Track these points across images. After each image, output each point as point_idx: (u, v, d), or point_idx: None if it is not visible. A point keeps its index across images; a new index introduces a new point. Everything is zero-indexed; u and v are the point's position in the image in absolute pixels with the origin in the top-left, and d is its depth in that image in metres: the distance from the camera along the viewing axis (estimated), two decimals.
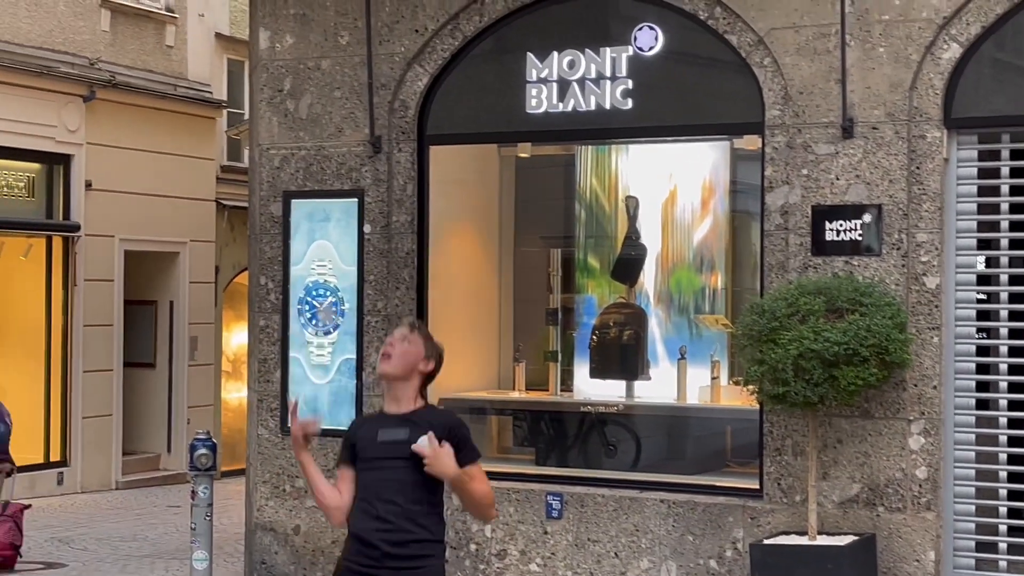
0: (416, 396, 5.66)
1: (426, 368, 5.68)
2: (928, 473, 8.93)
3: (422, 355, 5.67)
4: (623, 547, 9.69)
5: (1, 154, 16.32)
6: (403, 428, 5.55)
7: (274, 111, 10.83)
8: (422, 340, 5.69)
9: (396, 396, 5.66)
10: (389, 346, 5.66)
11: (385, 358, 5.64)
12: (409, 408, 5.63)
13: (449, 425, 5.59)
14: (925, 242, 8.97)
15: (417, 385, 5.66)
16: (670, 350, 10.97)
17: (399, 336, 5.69)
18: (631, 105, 9.91)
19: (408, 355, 5.64)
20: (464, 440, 5.57)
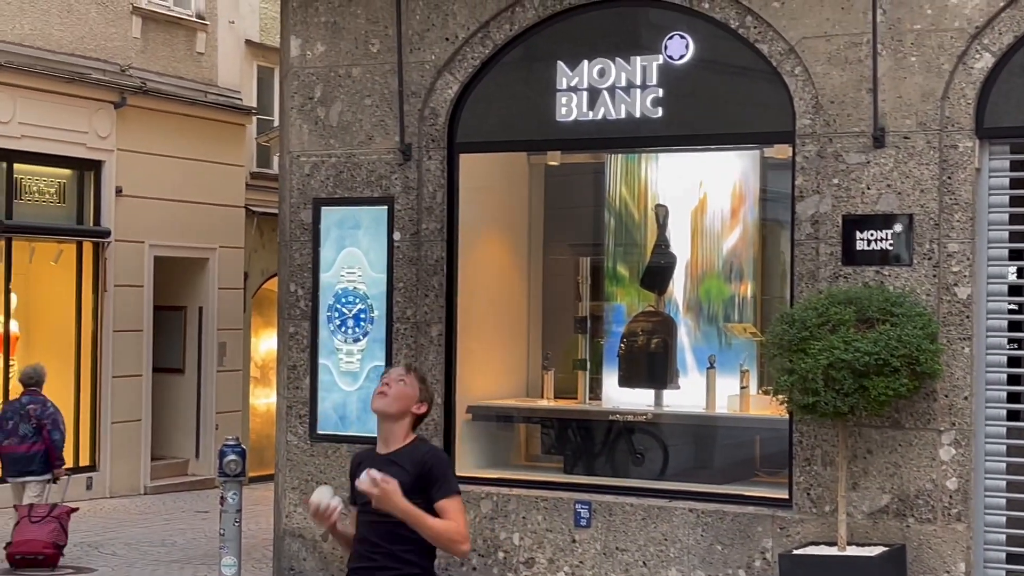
0: (405, 434, 5.66)
1: (419, 411, 5.70)
2: (959, 484, 8.89)
3: (416, 397, 5.70)
4: (651, 556, 9.68)
5: (33, 160, 16.39)
6: (387, 470, 5.51)
7: (305, 118, 10.86)
8: (418, 382, 5.73)
9: (385, 436, 5.67)
10: (385, 385, 5.67)
11: (381, 396, 5.66)
12: (397, 446, 5.63)
13: (423, 461, 5.55)
14: (956, 252, 8.94)
15: (408, 425, 5.66)
16: (699, 359, 10.95)
17: (396, 376, 5.71)
18: (661, 113, 9.90)
19: (404, 396, 5.66)
20: (437, 475, 5.53)
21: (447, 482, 5.55)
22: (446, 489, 5.53)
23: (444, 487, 5.53)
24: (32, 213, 16.46)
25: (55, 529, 12.04)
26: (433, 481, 5.51)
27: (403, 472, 5.49)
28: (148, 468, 17.74)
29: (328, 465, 10.64)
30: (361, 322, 10.59)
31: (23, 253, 16.62)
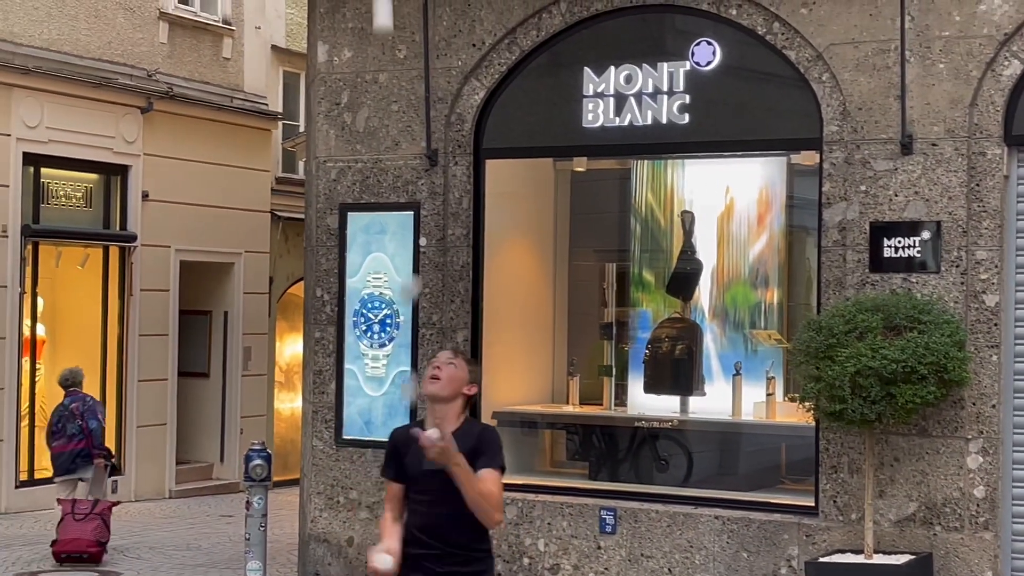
0: (457, 416, 5.82)
1: (469, 391, 5.87)
2: (986, 492, 8.86)
3: (466, 379, 5.87)
4: (677, 563, 9.66)
5: (60, 164, 16.46)
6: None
7: (331, 124, 10.88)
8: (466, 364, 5.92)
9: (438, 418, 5.81)
10: (436, 368, 5.84)
11: (433, 380, 5.82)
12: (450, 429, 5.72)
13: (479, 434, 5.78)
14: (984, 260, 8.91)
15: (459, 406, 5.84)
16: (725, 365, 10.93)
17: (445, 359, 5.89)
18: (688, 120, 9.89)
19: (455, 378, 5.83)
20: (485, 448, 5.71)
21: (493, 455, 5.71)
22: (490, 460, 5.68)
23: (489, 458, 5.68)
24: (59, 217, 16.52)
25: (98, 526, 12.41)
26: (481, 453, 5.66)
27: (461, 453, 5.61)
28: (173, 472, 17.78)
29: (353, 470, 10.66)
30: (387, 327, 10.61)
31: (50, 257, 16.69)
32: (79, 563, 12.37)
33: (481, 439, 5.75)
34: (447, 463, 5.51)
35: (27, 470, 16.16)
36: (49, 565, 12.54)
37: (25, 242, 15.93)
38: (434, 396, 5.83)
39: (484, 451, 5.70)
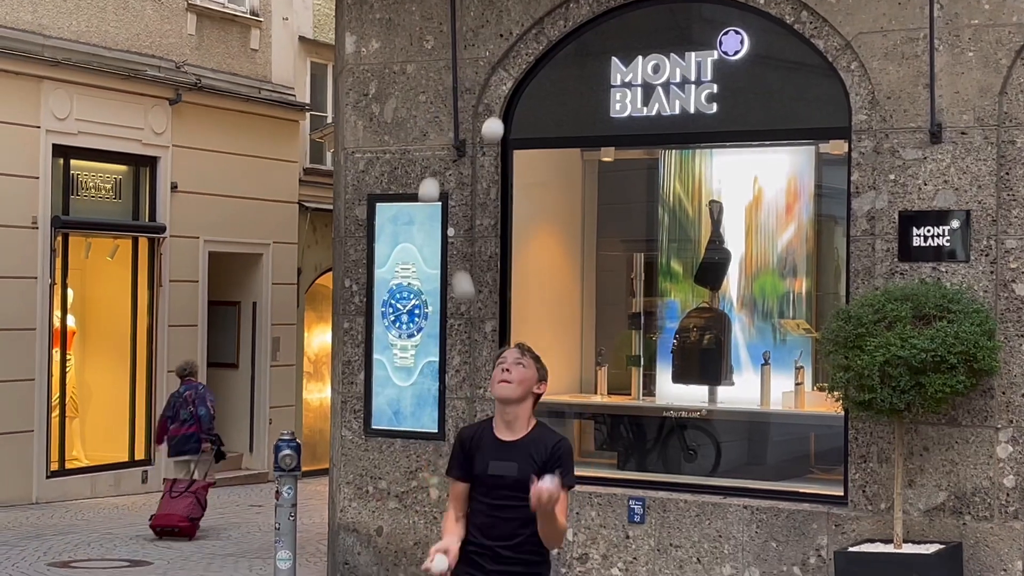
0: (528, 418, 5.69)
1: (539, 391, 5.72)
2: (1016, 482, 8.83)
3: (536, 378, 5.71)
4: (706, 553, 9.67)
5: (89, 156, 16.56)
6: (512, 462, 5.59)
7: (359, 115, 10.91)
8: (534, 363, 5.73)
9: (508, 420, 5.68)
10: (505, 371, 5.66)
11: (503, 382, 5.65)
12: (521, 433, 5.65)
13: (554, 450, 5.61)
14: (1014, 248, 8.88)
15: (530, 407, 5.69)
16: (753, 355, 10.92)
17: (513, 359, 5.70)
18: (716, 109, 9.88)
19: (525, 379, 5.67)
20: (564, 463, 5.58)
21: (569, 475, 5.62)
22: (568, 481, 5.57)
23: (566, 479, 5.55)
24: (88, 209, 16.62)
25: (191, 503, 13.41)
26: (554, 469, 5.50)
27: (530, 461, 5.55)
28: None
29: (383, 460, 10.69)
30: (415, 318, 10.63)
31: (79, 248, 16.79)
32: (172, 536, 13.38)
33: (555, 453, 5.61)
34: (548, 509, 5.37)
35: (58, 460, 16.28)
36: (82, 554, 12.63)
37: (55, 233, 16.03)
38: (505, 399, 5.67)
39: (560, 467, 5.54)
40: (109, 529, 14.10)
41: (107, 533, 13.82)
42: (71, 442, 16.72)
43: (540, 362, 5.76)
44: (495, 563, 5.60)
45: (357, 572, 10.76)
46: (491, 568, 5.61)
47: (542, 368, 5.75)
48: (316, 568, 11.69)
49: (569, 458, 5.64)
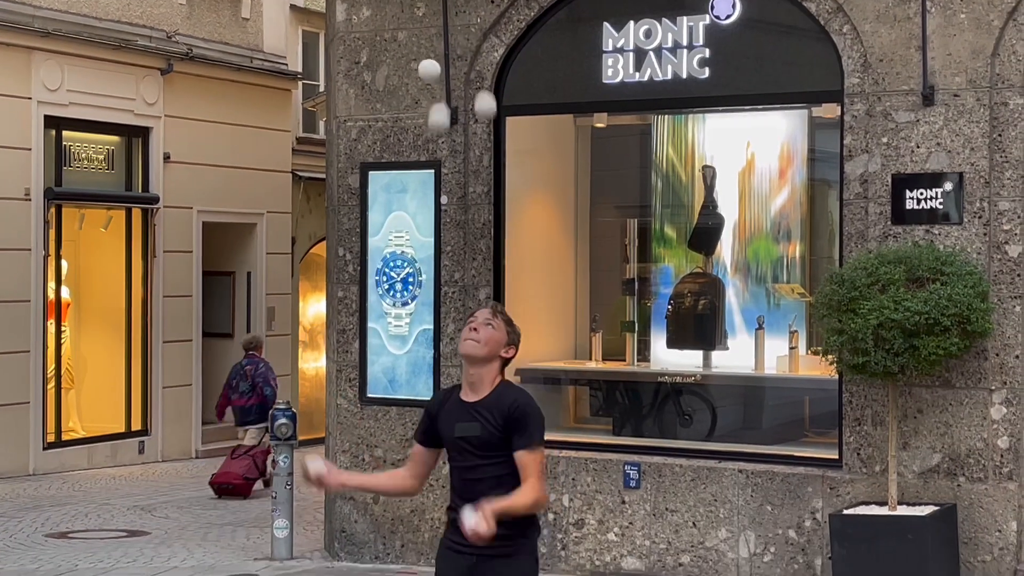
0: (493, 379, 5.59)
1: (507, 354, 5.63)
2: (1010, 443, 8.86)
3: (504, 341, 5.62)
4: (701, 517, 9.70)
5: (81, 127, 16.51)
6: (475, 422, 5.53)
7: (351, 83, 10.88)
8: (504, 325, 5.64)
9: (472, 381, 5.60)
10: (473, 330, 5.59)
11: (469, 340, 5.58)
12: (484, 393, 5.58)
13: (510, 408, 5.49)
14: (1007, 210, 8.88)
15: (496, 369, 5.60)
16: (747, 320, 10.93)
17: (483, 319, 5.62)
18: (708, 74, 9.86)
19: (492, 340, 5.58)
20: (521, 424, 5.46)
21: (528, 432, 5.48)
22: (526, 440, 5.47)
23: (525, 437, 5.47)
24: (81, 180, 16.59)
25: (248, 465, 14.19)
26: (515, 429, 5.47)
27: (490, 424, 5.50)
28: (199, 432, 17.90)
29: (378, 428, 10.71)
30: (409, 286, 10.63)
31: (73, 220, 16.77)
32: (229, 494, 14.20)
33: (513, 413, 5.49)
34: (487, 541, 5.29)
35: (54, 432, 16.29)
36: (80, 525, 12.66)
37: (48, 205, 16.01)
38: (470, 357, 5.57)
39: (519, 427, 5.46)
40: (106, 500, 14.14)
41: (104, 504, 13.86)
42: (67, 414, 16.73)
43: (512, 325, 5.67)
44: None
45: (354, 540, 10.79)
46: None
47: (513, 332, 5.66)
48: (313, 536, 11.72)
49: (526, 417, 5.49)
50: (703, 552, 9.67)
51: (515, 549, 5.53)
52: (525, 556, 5.60)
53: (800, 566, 9.39)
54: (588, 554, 10.03)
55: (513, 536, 5.50)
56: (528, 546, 5.60)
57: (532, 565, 5.61)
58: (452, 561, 5.60)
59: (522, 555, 5.58)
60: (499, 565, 5.51)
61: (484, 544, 5.37)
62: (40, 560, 11.02)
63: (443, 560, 5.67)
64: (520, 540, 5.55)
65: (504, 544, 5.47)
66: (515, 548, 5.53)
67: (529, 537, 5.59)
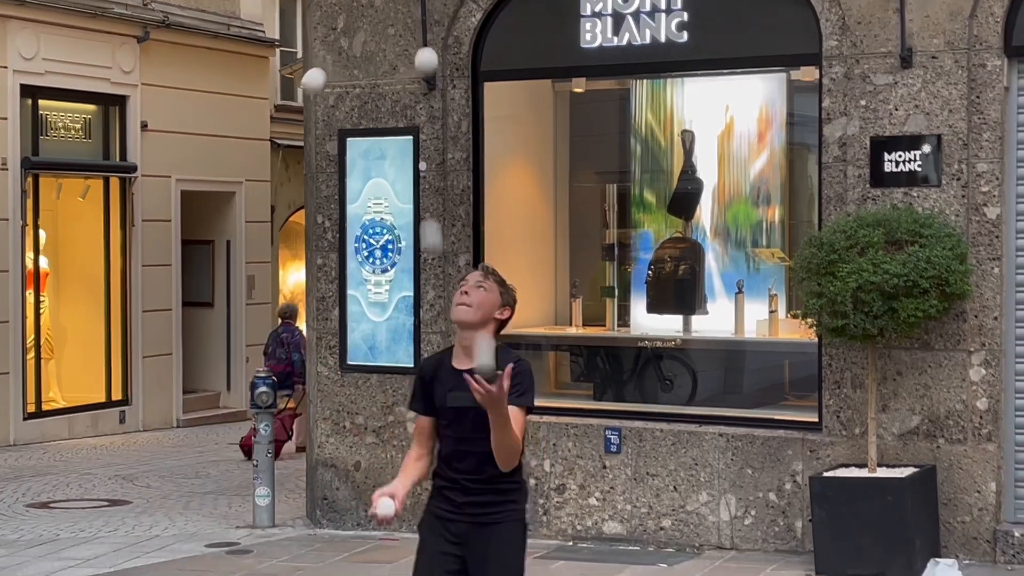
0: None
1: (501, 316, 5.46)
2: (989, 404, 8.89)
3: (498, 303, 5.45)
4: (682, 481, 9.72)
5: (57, 96, 16.41)
6: (468, 392, 5.23)
7: (328, 49, 10.83)
8: (497, 287, 5.47)
9: (466, 345, 5.41)
10: (464, 294, 5.43)
11: (460, 305, 5.41)
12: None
13: (507, 368, 5.30)
14: (985, 172, 8.89)
15: (490, 332, 5.41)
16: (727, 284, 10.94)
17: (474, 282, 5.46)
18: (686, 38, 9.84)
19: (484, 303, 5.41)
20: (516, 384, 5.29)
21: (522, 391, 5.34)
22: (517, 396, 5.30)
23: (516, 394, 5.29)
24: (58, 149, 16.50)
25: (278, 427, 13.60)
26: (512, 389, 5.26)
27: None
28: (180, 401, 17.88)
29: (359, 395, 10.70)
30: (388, 253, 10.61)
31: (50, 189, 16.69)
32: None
33: (513, 373, 5.25)
34: (494, 408, 5.13)
35: (34, 402, 16.26)
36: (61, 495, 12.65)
37: (25, 175, 15.93)
38: (462, 323, 5.41)
39: (513, 387, 5.26)
40: (87, 469, 14.12)
41: (85, 473, 13.85)
42: (47, 384, 16.70)
43: (505, 286, 5.51)
44: (464, 495, 5.43)
45: (336, 507, 10.79)
46: (461, 500, 5.43)
47: (507, 292, 5.49)
48: (295, 504, 11.73)
49: (524, 377, 5.35)
50: (684, 516, 9.70)
51: (503, 516, 5.46)
52: (513, 523, 5.49)
53: (780, 528, 9.43)
54: (569, 519, 10.05)
55: (501, 503, 5.44)
56: (516, 513, 5.50)
57: (520, 532, 5.53)
58: (438, 528, 5.52)
59: (510, 522, 5.49)
60: (486, 532, 5.44)
61: (459, 512, 5.37)
62: (21, 530, 11.01)
63: (428, 528, 5.58)
64: (509, 506, 5.48)
65: (492, 511, 5.43)
66: (503, 515, 5.46)
67: (518, 503, 5.51)
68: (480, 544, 5.45)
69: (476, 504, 5.43)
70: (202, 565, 9.73)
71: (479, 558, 5.45)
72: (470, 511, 5.42)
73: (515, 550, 5.50)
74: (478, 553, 5.45)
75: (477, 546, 5.45)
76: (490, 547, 5.44)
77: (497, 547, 5.45)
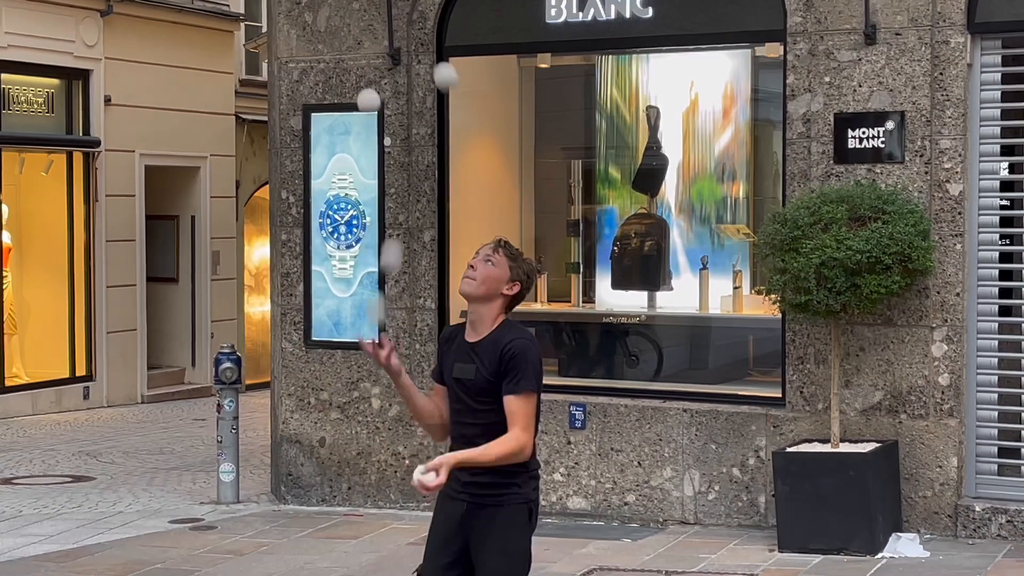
0: (494, 319, 5.32)
1: (509, 291, 5.33)
2: (951, 380, 8.95)
3: (506, 277, 5.33)
4: (646, 456, 9.75)
5: (20, 70, 16.27)
6: (471, 364, 5.29)
7: (292, 24, 10.78)
8: (507, 261, 5.34)
9: (473, 319, 5.35)
10: (471, 267, 5.35)
11: (466, 278, 5.35)
12: (484, 334, 5.31)
13: (503, 352, 5.23)
14: (948, 149, 8.93)
15: (498, 307, 5.32)
16: (692, 260, 10.97)
17: (483, 256, 5.36)
18: (651, 14, 9.83)
19: (491, 277, 5.31)
20: (511, 367, 5.22)
21: (518, 377, 5.22)
22: (514, 384, 5.21)
23: (513, 381, 5.21)
24: (21, 124, 16.37)
25: None
26: (506, 373, 5.23)
27: (484, 367, 5.26)
28: (145, 377, 17.80)
29: (324, 371, 10.69)
30: (353, 228, 10.59)
31: (13, 164, 16.56)
32: None
33: (507, 355, 5.22)
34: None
35: None
36: (24, 471, 12.60)
37: None
38: (467, 296, 5.32)
39: (509, 369, 5.21)
40: (51, 445, 14.07)
41: (49, 449, 13.79)
42: (11, 360, 16.60)
43: (516, 260, 5.36)
44: (468, 474, 5.28)
45: (300, 483, 10.79)
46: (465, 480, 5.31)
47: (518, 267, 5.34)
48: (260, 480, 11.72)
49: (517, 359, 5.22)
50: (648, 491, 9.74)
51: (506, 498, 5.32)
52: (515, 506, 5.34)
53: (744, 503, 9.47)
54: None
55: (503, 484, 5.31)
56: (520, 495, 5.34)
57: (523, 515, 5.36)
58: (446, 508, 5.44)
59: (512, 505, 5.33)
60: (488, 513, 5.33)
61: (463, 491, 5.29)
62: None
63: (439, 506, 5.49)
64: (512, 488, 5.32)
65: (494, 492, 5.31)
66: (506, 497, 5.32)
67: (523, 487, 5.34)
68: (481, 526, 5.34)
69: (478, 484, 5.31)
70: (166, 541, 9.71)
71: (478, 541, 5.35)
72: (472, 491, 5.32)
73: (516, 535, 5.36)
74: (477, 535, 5.35)
75: (478, 528, 5.35)
76: (491, 530, 5.33)
77: (498, 531, 5.33)
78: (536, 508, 5.43)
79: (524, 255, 5.46)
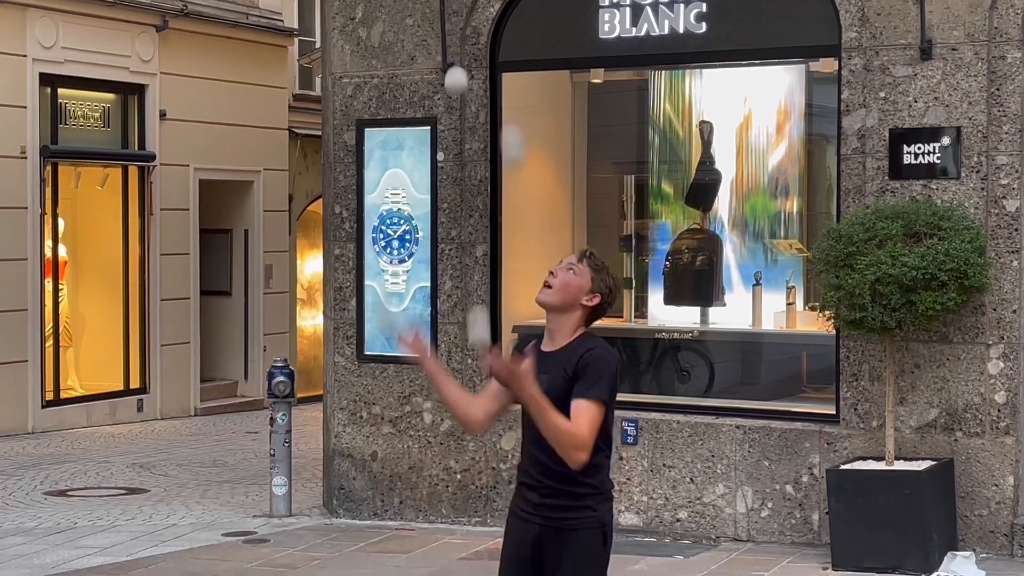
0: (573, 330, 5.14)
1: (589, 303, 5.15)
2: (1007, 398, 8.87)
3: (587, 288, 5.14)
4: (699, 472, 9.71)
5: (76, 84, 16.44)
6: (545, 374, 5.02)
7: (346, 39, 10.82)
8: (590, 271, 5.16)
9: (551, 329, 5.18)
10: (551, 275, 5.17)
11: (544, 286, 5.16)
12: (563, 343, 5.13)
13: (580, 359, 5.06)
14: (1005, 165, 8.86)
15: (577, 319, 5.14)
16: (745, 276, 10.93)
17: (565, 264, 5.19)
18: (705, 29, 9.81)
19: (569, 286, 5.13)
20: (584, 373, 5.02)
21: (590, 383, 5.01)
22: (585, 389, 5.00)
23: (584, 386, 5.01)
24: (77, 138, 16.53)
25: None
26: (579, 377, 5.02)
27: (559, 377, 5.04)
28: (198, 390, 17.90)
29: (376, 385, 10.71)
30: (406, 243, 10.61)
31: (69, 178, 16.72)
32: None
33: (583, 362, 5.02)
34: (516, 389, 4.88)
35: (53, 390, 16.29)
36: (79, 483, 12.69)
37: (44, 163, 15.95)
38: (542, 304, 5.15)
39: (582, 375, 5.00)
40: (106, 457, 14.16)
41: (104, 462, 13.88)
42: (66, 372, 16.74)
43: (600, 272, 5.17)
44: (539, 496, 5.15)
45: (352, 497, 10.81)
46: (537, 502, 5.16)
47: (601, 279, 5.16)
48: (312, 493, 11.75)
49: (595, 368, 5.01)
50: (700, 508, 9.69)
51: (580, 522, 5.14)
52: (590, 530, 5.14)
53: (797, 521, 9.42)
54: None
55: (576, 508, 5.14)
56: (594, 518, 5.15)
57: (598, 539, 5.16)
58: (518, 529, 5.28)
59: (586, 529, 5.14)
60: (561, 538, 5.15)
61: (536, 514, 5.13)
62: (39, 518, 11.04)
63: (511, 526, 5.34)
64: (586, 511, 5.13)
65: (568, 516, 5.14)
66: (580, 521, 5.14)
67: (596, 510, 5.14)
68: (555, 551, 5.17)
69: (550, 507, 5.14)
70: (219, 554, 9.75)
71: (554, 566, 5.17)
72: (545, 514, 5.17)
73: (591, 561, 5.17)
74: (553, 561, 5.18)
75: (552, 553, 5.18)
76: (565, 556, 5.15)
77: (571, 559, 5.15)
78: (611, 532, 5.24)
79: (610, 269, 5.29)
